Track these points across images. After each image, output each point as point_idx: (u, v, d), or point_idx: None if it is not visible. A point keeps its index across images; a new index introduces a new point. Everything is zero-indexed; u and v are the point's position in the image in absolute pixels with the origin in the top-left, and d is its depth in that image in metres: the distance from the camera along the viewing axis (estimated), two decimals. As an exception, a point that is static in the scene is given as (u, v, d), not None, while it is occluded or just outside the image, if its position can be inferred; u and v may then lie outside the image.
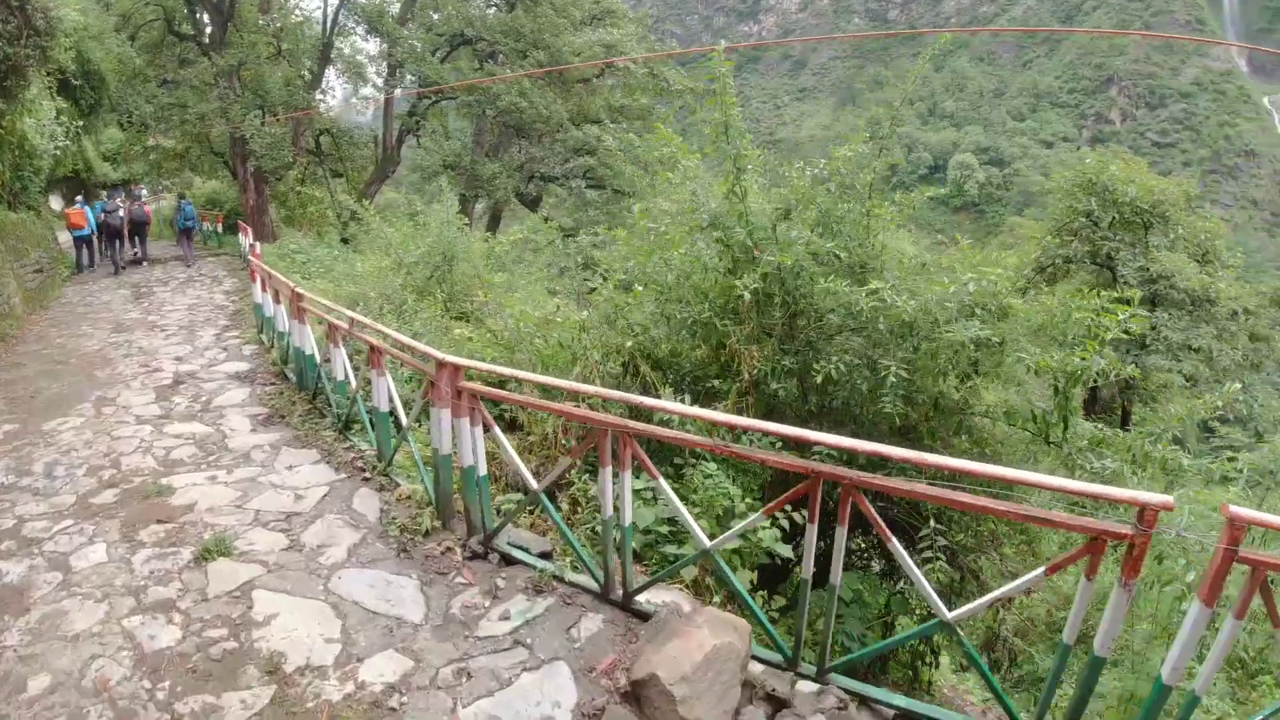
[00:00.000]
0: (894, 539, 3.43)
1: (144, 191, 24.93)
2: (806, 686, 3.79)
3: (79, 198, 19.74)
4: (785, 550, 5.14)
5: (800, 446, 5.14)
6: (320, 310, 7.59)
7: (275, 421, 7.52)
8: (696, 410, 4.47)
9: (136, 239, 19.50)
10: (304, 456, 6.60)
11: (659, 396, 6.20)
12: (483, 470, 5.01)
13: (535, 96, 22.68)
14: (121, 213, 18.38)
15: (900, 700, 3.70)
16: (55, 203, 24.64)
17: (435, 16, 25.75)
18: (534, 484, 4.79)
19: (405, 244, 12.03)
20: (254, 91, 21.57)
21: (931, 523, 5.34)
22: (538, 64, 23.07)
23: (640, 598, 4.36)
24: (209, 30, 23.15)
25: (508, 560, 4.95)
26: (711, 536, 4.28)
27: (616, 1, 30.19)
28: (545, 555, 5.03)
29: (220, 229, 24.70)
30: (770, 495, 5.77)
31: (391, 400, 6.08)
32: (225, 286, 16.12)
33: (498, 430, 4.87)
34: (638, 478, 4.99)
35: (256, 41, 21.87)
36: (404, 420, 5.92)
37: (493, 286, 9.69)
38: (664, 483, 4.09)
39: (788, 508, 5.04)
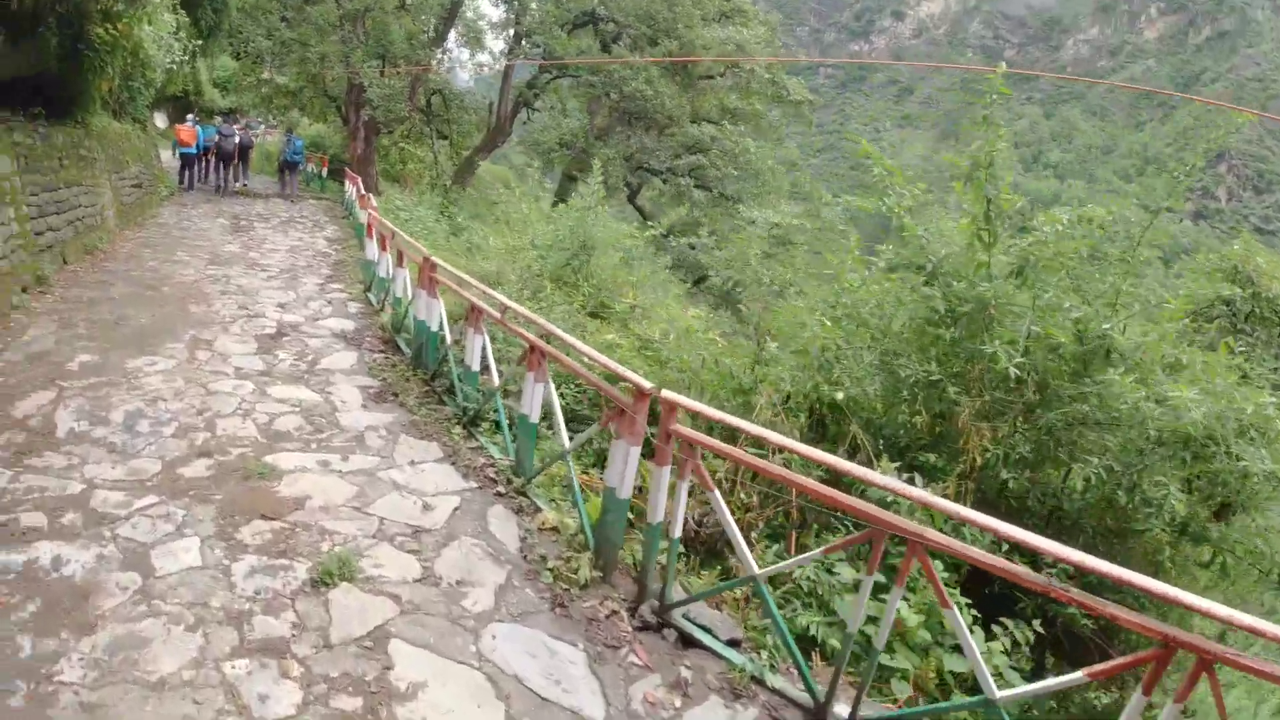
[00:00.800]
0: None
1: (260, 125, 24.69)
2: None
3: (190, 115, 19.42)
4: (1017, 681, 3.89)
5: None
6: (454, 285, 6.58)
7: (388, 399, 6.51)
8: (931, 498, 3.18)
9: (241, 165, 19.46)
10: (426, 451, 5.56)
11: (873, 466, 5.00)
12: (678, 531, 3.91)
13: (661, 86, 21.63)
14: (237, 138, 18.60)
15: None
16: (160, 120, 24.41)
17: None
18: (755, 567, 3.64)
19: (537, 224, 11.02)
20: (376, 40, 20.93)
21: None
22: (667, 52, 22.00)
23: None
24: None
25: (685, 640, 3.87)
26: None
27: (747, 1, 29.10)
28: (733, 643, 3.91)
29: (325, 173, 24.14)
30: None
31: (550, 413, 4.99)
32: (327, 233, 15.39)
33: (719, 496, 3.74)
34: (912, 591, 3.81)
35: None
36: (565, 441, 4.82)
37: (636, 285, 8.65)
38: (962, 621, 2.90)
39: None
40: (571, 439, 4.87)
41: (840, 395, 5.52)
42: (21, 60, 8.50)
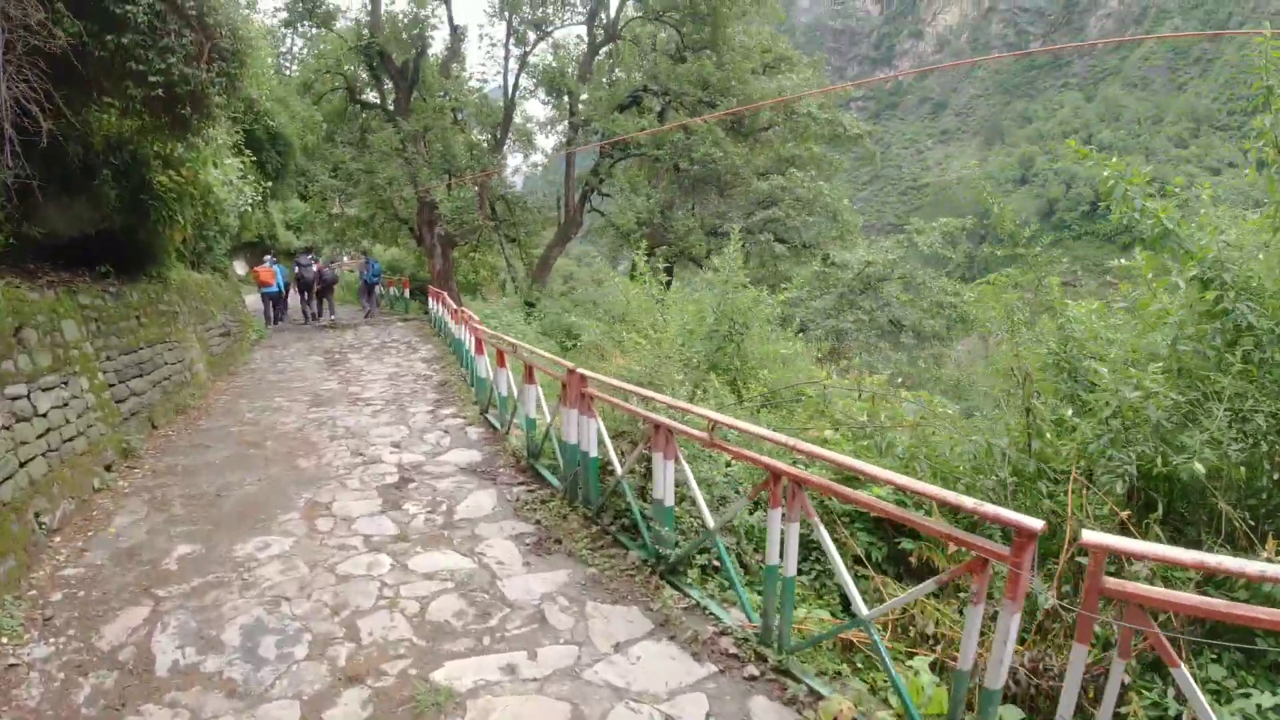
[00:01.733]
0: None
1: (344, 257, 24.99)
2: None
3: (267, 256, 19.54)
4: None
5: None
6: (616, 399, 5.26)
7: (551, 549, 5.14)
8: None
9: (326, 300, 19.77)
10: (628, 621, 4.13)
11: None
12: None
13: (728, 146, 20.71)
14: (315, 268, 19.10)
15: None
16: (239, 268, 24.83)
17: (617, 73, 24.64)
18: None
19: (671, 309, 9.81)
20: (440, 155, 20.81)
21: None
22: (730, 114, 21.20)
23: None
24: (392, 98, 22.88)
25: None
26: None
27: (788, 48, 28.47)
28: None
29: (407, 293, 23.84)
30: None
31: (831, 569, 3.53)
32: (422, 354, 14.58)
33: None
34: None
35: (443, 106, 21.23)
36: (860, 606, 3.30)
37: (788, 360, 7.25)
38: None
39: None
40: (868, 599, 3.35)
41: (1199, 466, 3.84)
42: (80, 217, 7.85)
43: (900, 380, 9.30)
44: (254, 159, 14.35)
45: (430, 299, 18.66)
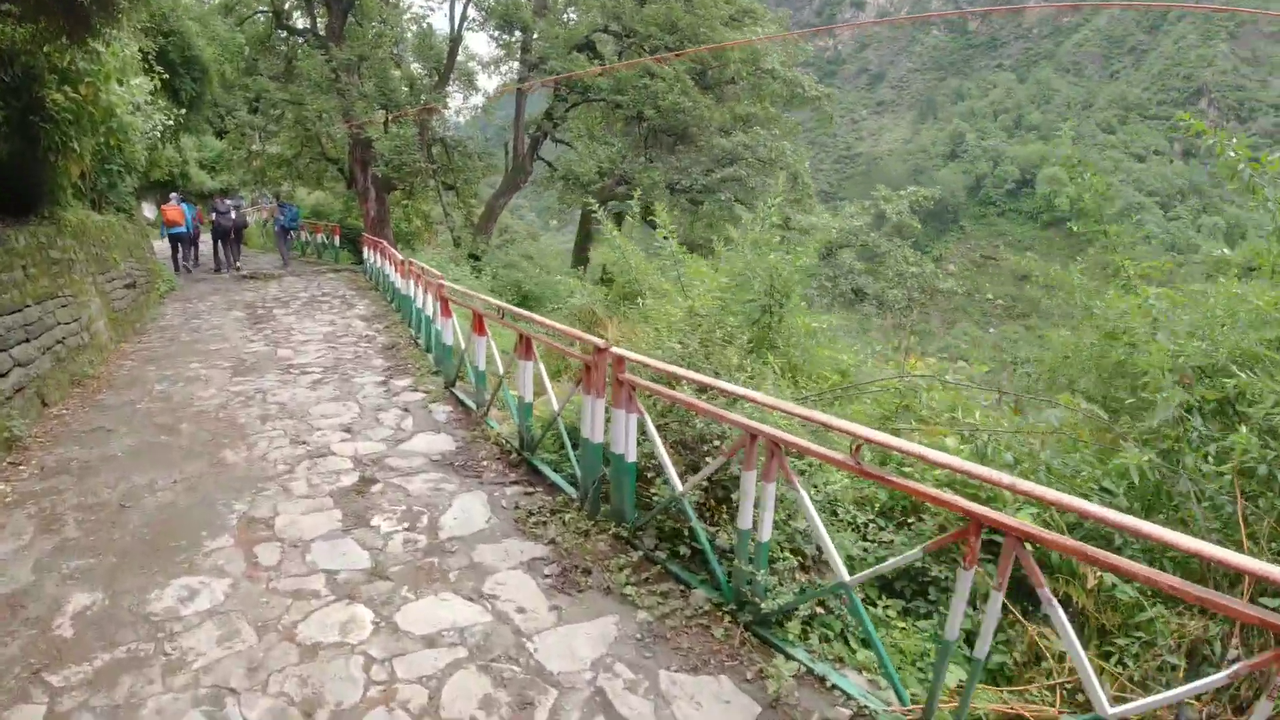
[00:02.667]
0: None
1: (243, 200, 22.50)
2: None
3: (173, 194, 17.26)
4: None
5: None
6: (678, 394, 4.02)
7: (581, 582, 3.90)
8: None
9: (236, 245, 18.22)
10: (724, 704, 2.95)
11: None
12: None
13: (697, 96, 19.28)
14: (233, 214, 17.30)
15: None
16: (148, 211, 22.12)
17: (571, 12, 22.72)
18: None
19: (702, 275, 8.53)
20: (379, 89, 18.63)
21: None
22: (697, 59, 19.73)
23: None
24: (324, 22, 20.38)
25: None
26: None
27: (755, 2, 27.07)
28: None
29: (337, 241, 21.62)
30: None
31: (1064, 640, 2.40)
32: (359, 309, 12.86)
33: None
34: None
35: (381, 34, 18.99)
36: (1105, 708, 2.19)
37: (819, 339, 6.15)
38: None
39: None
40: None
41: None
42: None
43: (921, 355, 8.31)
44: (164, 79, 12.13)
45: (366, 248, 16.77)
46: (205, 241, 19.04)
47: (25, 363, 6.53)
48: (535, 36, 21.44)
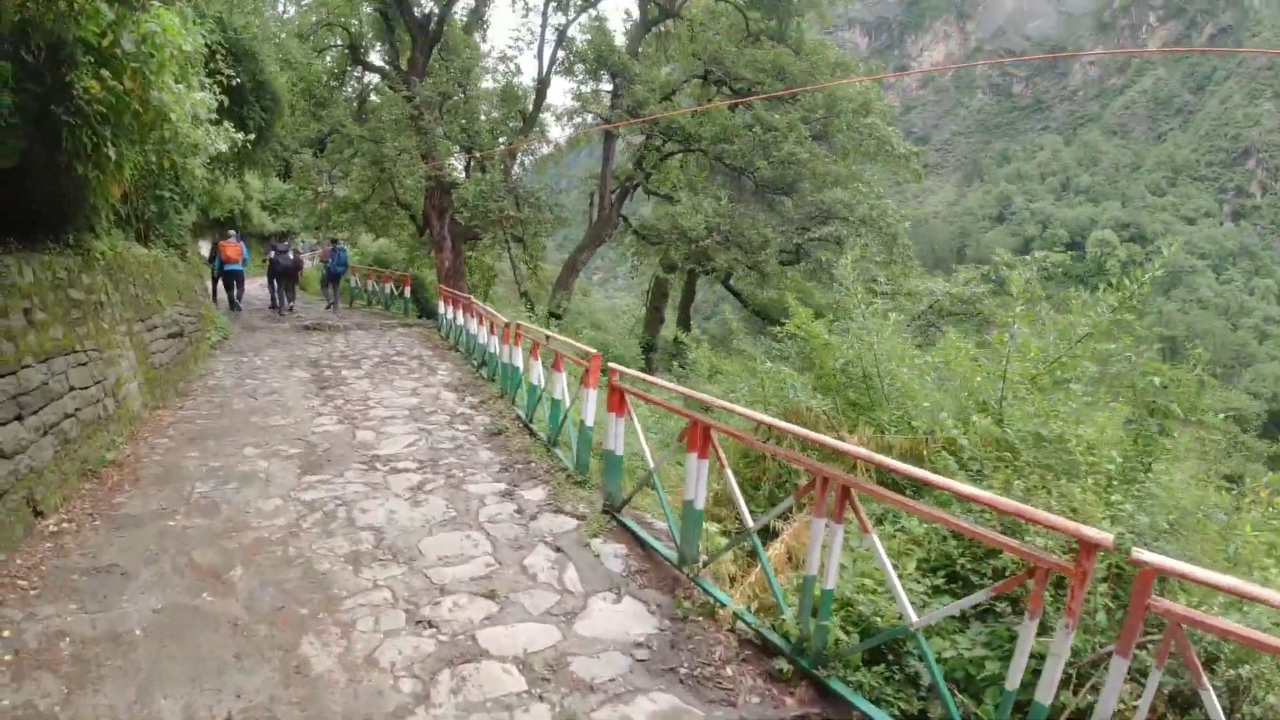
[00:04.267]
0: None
1: (301, 244, 21.19)
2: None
3: (232, 231, 15.89)
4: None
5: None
6: None
7: None
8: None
9: (292, 288, 17.43)
10: None
11: None
12: None
13: (813, 147, 17.33)
14: (291, 255, 16.48)
15: None
16: (204, 249, 20.65)
17: (665, 61, 21.19)
18: None
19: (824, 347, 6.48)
20: (463, 130, 17.01)
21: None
22: (812, 107, 17.84)
23: None
24: (407, 55, 18.95)
25: None
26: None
27: (846, 55, 25.42)
28: None
29: (408, 293, 19.32)
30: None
31: None
32: (443, 375, 10.73)
33: None
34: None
35: (470, 68, 17.46)
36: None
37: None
38: None
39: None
40: None
41: None
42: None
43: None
44: (230, 107, 10.32)
45: (442, 303, 14.77)
46: (250, 281, 17.80)
47: (11, 454, 4.41)
48: (629, 82, 19.84)
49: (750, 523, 3.88)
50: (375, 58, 20.31)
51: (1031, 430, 4.52)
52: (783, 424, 3.72)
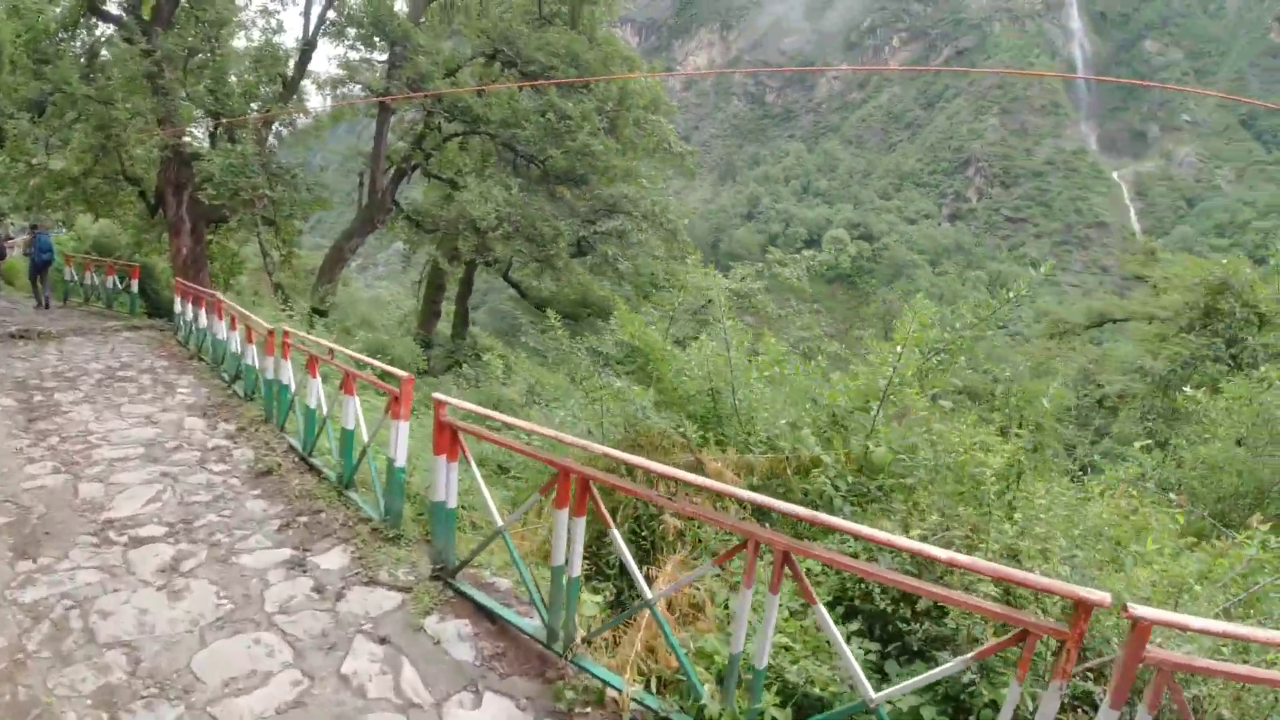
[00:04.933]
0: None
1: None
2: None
3: None
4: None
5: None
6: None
7: None
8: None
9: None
10: None
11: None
12: None
13: (605, 140, 16.97)
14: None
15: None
16: None
17: (451, 35, 19.72)
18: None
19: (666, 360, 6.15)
20: (211, 92, 14.41)
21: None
22: (605, 98, 17.50)
23: None
24: (150, 3, 15.68)
25: None
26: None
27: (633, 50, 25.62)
28: None
29: (135, 288, 15.89)
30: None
31: None
32: (184, 394, 8.83)
33: None
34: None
35: (224, 20, 14.87)
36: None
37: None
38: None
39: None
40: None
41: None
42: None
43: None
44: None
45: (180, 299, 12.37)
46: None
47: None
48: (411, 52, 18.09)
49: (649, 593, 3.32)
50: (113, 5, 16.58)
51: (922, 454, 4.45)
52: (694, 478, 3.18)
